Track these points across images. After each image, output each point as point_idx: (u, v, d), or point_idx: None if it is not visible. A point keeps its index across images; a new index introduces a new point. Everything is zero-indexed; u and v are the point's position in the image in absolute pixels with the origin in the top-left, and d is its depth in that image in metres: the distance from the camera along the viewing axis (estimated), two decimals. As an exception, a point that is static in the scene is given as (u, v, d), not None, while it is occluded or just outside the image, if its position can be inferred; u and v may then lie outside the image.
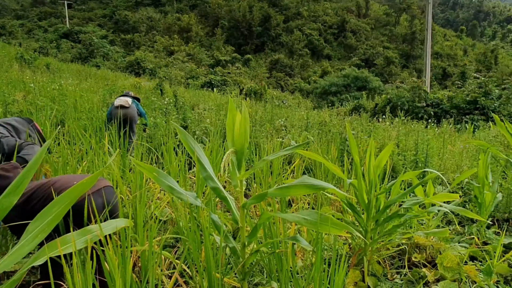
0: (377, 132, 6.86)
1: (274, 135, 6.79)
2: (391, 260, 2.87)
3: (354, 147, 2.50)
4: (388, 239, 2.65)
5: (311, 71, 45.45)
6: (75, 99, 7.46)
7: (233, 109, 1.76)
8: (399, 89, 16.19)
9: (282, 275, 1.94)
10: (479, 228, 3.23)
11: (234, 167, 1.75)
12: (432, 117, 13.60)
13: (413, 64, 50.79)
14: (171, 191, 1.91)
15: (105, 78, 16.18)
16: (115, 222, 1.54)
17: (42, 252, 1.34)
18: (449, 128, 9.57)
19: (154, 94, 11.60)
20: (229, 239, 1.84)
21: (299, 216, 1.58)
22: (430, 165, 4.88)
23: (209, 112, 9.10)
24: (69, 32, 40.83)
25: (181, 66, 31.35)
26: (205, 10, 57.52)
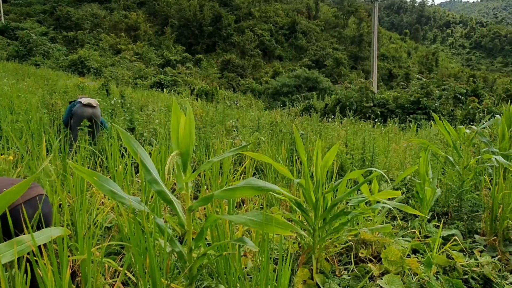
0: (327, 132, 7.03)
1: (225, 136, 6.75)
2: (339, 257, 2.94)
3: (301, 147, 2.53)
4: (336, 236, 2.71)
5: (262, 72, 45.88)
6: (11, 100, 6.96)
7: (177, 110, 1.71)
8: (347, 90, 16.75)
9: (230, 278, 1.92)
10: (420, 223, 3.40)
11: (179, 169, 1.70)
12: (379, 116, 14.21)
13: (361, 66, 52.88)
14: (112, 196, 1.82)
15: (45, 77, 15.25)
16: (50, 231, 1.44)
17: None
18: (394, 127, 10.04)
19: (99, 94, 11.14)
20: (175, 244, 1.79)
21: (245, 217, 1.57)
22: (376, 162, 5.08)
23: (158, 113, 8.89)
24: (4, 28, 37.66)
25: (128, 66, 30.31)
26: (153, 8, 56.06)
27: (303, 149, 2.49)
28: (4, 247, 1.29)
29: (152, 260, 1.56)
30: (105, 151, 4.65)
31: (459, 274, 2.66)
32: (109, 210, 3.01)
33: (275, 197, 3.54)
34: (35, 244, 1.31)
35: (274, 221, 1.53)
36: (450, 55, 72.97)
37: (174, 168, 1.65)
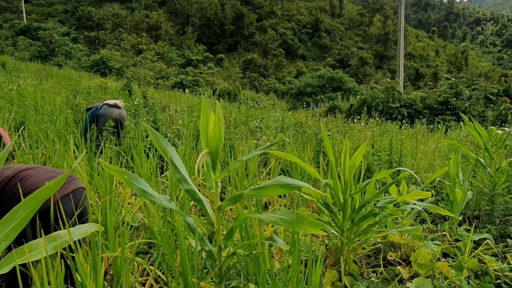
0: (352, 133, 6.94)
1: (249, 137, 6.76)
2: (367, 260, 2.90)
3: (329, 147, 2.50)
4: (364, 238, 2.68)
5: (285, 72, 45.64)
6: (36, 101, 7.16)
7: (206, 110, 1.72)
8: (373, 90, 16.47)
9: (260, 277, 1.91)
10: (451, 226, 3.31)
11: (208, 168, 1.71)
12: (406, 117, 13.91)
13: (387, 65, 51.88)
14: (143, 194, 1.85)
15: (68, 78, 15.56)
16: (85, 227, 1.47)
17: (8, 259, 1.27)
18: (422, 128, 9.80)
19: (121, 95, 11.29)
20: (205, 242, 1.80)
21: (275, 216, 1.56)
22: (404, 164, 4.98)
23: (181, 114, 8.96)
24: (26, 28, 38.12)
25: (150, 66, 30.47)
26: (174, 7, 56.23)
27: (331, 149, 2.47)
28: (42, 242, 1.33)
29: (184, 259, 1.58)
30: (129, 151, 4.74)
31: (491, 279, 2.58)
32: (136, 210, 3.06)
33: (301, 199, 3.52)
34: (72, 239, 1.35)
35: (305, 220, 1.52)
36: (480, 54, 70.62)
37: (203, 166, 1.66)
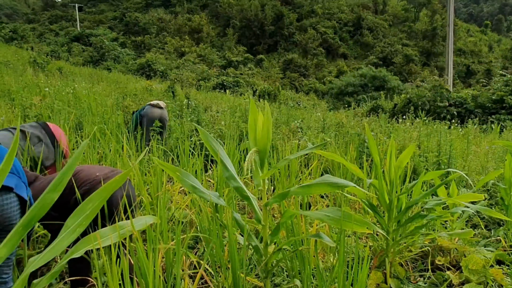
0: (397, 133, 6.77)
1: (290, 137, 6.77)
2: (414, 264, 2.84)
3: (374, 147, 2.48)
4: (411, 240, 2.62)
5: (326, 71, 45.09)
6: (89, 103, 7.56)
7: (255, 110, 1.77)
8: (419, 88, 15.90)
9: (305, 275, 1.94)
10: (506, 231, 3.16)
11: (257, 166, 1.76)
12: (455, 117, 13.30)
13: (434, 62, 49.79)
14: (193, 190, 1.93)
15: (117, 81, 16.27)
16: (144, 219, 1.57)
17: (80, 245, 1.39)
18: (474, 129, 9.35)
19: (166, 96, 11.65)
20: (252, 238, 1.85)
21: (321, 213, 1.59)
22: (454, 166, 4.79)
23: (223, 114, 9.12)
24: (80, 35, 40.36)
25: (192, 68, 31.17)
26: (216, 10, 57.30)
27: (376, 148, 2.44)
28: (108, 230, 1.45)
29: (232, 253, 1.64)
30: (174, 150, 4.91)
31: (550, 288, 2.45)
32: (184, 207, 3.17)
33: (345, 199, 3.50)
34: (134, 229, 1.45)
35: (351, 218, 1.53)
36: (540, 48, 66.08)
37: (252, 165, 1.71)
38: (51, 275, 1.43)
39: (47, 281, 1.44)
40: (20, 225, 1.36)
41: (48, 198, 1.39)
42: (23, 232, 1.37)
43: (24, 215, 1.37)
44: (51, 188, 1.40)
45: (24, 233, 1.37)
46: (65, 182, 1.42)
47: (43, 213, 1.39)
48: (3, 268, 1.82)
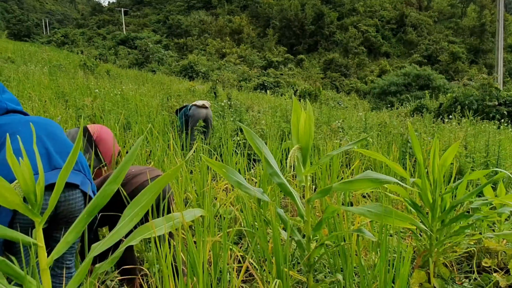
0: (442, 134, 6.58)
1: (332, 137, 6.75)
2: (459, 265, 2.79)
3: (417, 145, 2.47)
4: (455, 240, 2.58)
5: (367, 70, 44.18)
6: (136, 104, 7.89)
7: (298, 108, 1.84)
8: (466, 87, 15.25)
9: (347, 271, 1.98)
10: (559, 234, 3.02)
11: (299, 163, 1.83)
12: (505, 117, 12.66)
13: (482, 59, 47.39)
14: (238, 186, 2.03)
15: (161, 82, 16.79)
16: (193, 211, 1.69)
17: (136, 234, 1.52)
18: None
19: (208, 97, 11.94)
20: (294, 233, 1.92)
21: (363, 208, 1.62)
22: (502, 167, 4.61)
23: (264, 115, 9.22)
24: (126, 38, 42.27)
25: (233, 69, 31.61)
26: (256, 10, 57.73)
27: (419, 147, 2.43)
28: (160, 221, 1.57)
29: (277, 247, 1.71)
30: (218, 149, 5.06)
31: None
32: (228, 204, 3.29)
33: (387, 199, 3.48)
34: (184, 220, 1.56)
35: (393, 213, 1.56)
36: None
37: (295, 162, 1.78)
38: (111, 260, 1.57)
39: (107, 266, 1.58)
40: (85, 212, 1.50)
41: (109, 189, 1.53)
42: (88, 219, 1.51)
43: (88, 204, 1.52)
44: (111, 180, 1.54)
45: (89, 220, 1.52)
46: (124, 174, 1.55)
47: (105, 202, 1.53)
48: (66, 255, 2.01)
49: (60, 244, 1.47)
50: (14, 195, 1.28)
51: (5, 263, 1.31)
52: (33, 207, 1.35)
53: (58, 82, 9.43)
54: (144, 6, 68.41)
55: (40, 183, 1.36)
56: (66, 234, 1.48)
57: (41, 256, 1.39)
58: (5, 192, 1.26)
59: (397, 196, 2.83)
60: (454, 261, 2.74)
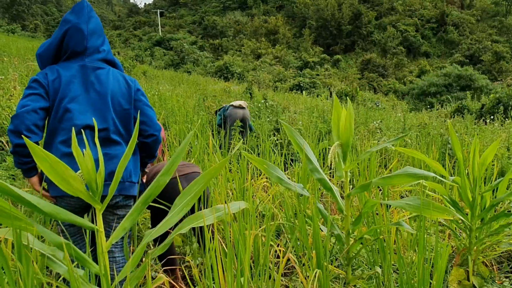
0: (484, 135, 6.39)
1: (369, 138, 6.72)
2: (499, 265, 2.76)
3: (457, 144, 2.47)
4: (495, 239, 2.56)
5: (406, 71, 43.03)
6: (173, 104, 8.13)
7: (338, 106, 1.91)
8: (510, 88, 14.61)
9: (385, 265, 2.03)
10: None
11: (339, 159, 1.90)
12: (553, 118, 12.03)
13: (528, 59, 45.02)
14: (280, 182, 2.12)
15: (196, 83, 17.10)
16: (238, 204, 1.80)
17: (185, 223, 1.65)
18: None
19: (244, 97, 12.08)
20: (334, 227, 1.99)
21: (402, 202, 1.67)
22: (547, 168, 4.45)
23: (300, 115, 9.26)
24: (161, 40, 42.88)
25: (268, 69, 31.66)
26: (292, 10, 57.51)
27: (459, 146, 2.43)
28: (207, 212, 1.69)
29: (317, 241, 1.79)
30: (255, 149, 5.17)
31: None
32: (267, 202, 3.39)
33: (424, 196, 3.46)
34: (230, 212, 1.67)
35: (431, 205, 1.60)
36: None
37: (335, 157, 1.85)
38: (163, 246, 1.70)
39: (159, 251, 1.71)
40: (140, 201, 1.65)
41: (161, 180, 1.66)
42: (143, 208, 1.66)
43: (143, 194, 1.66)
44: (164, 172, 1.67)
45: (143, 208, 1.66)
46: (175, 167, 1.68)
47: (158, 192, 1.67)
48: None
49: (117, 230, 1.61)
50: (78, 183, 1.42)
51: (70, 247, 1.45)
52: (94, 194, 1.49)
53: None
54: (180, 7, 69.78)
55: (101, 173, 1.50)
56: (123, 221, 1.62)
57: (101, 241, 1.53)
58: (71, 180, 1.39)
59: (434, 194, 2.83)
60: (494, 260, 2.71)
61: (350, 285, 2.12)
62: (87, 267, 1.41)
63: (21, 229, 1.20)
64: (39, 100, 1.88)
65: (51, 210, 1.28)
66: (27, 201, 1.21)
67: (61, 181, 1.29)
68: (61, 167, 1.26)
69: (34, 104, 1.85)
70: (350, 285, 2.12)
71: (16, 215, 1.20)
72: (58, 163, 1.25)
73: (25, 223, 1.22)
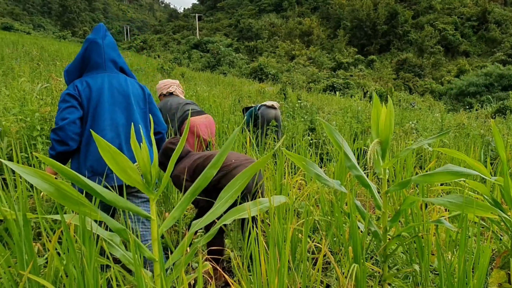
0: (528, 136, 6.15)
1: (404, 138, 6.62)
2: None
3: (500, 142, 2.42)
4: (541, 242, 2.49)
5: (444, 71, 41.69)
6: (210, 104, 8.31)
7: (378, 104, 1.94)
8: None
9: (423, 263, 2.04)
10: None
11: (378, 156, 1.93)
12: None
13: None
14: (318, 178, 2.17)
15: (232, 84, 17.36)
16: (278, 198, 1.87)
17: (229, 214, 1.74)
18: None
19: (278, 98, 12.17)
20: (371, 224, 2.02)
21: (443, 199, 1.67)
22: None
23: (334, 115, 9.23)
24: (198, 43, 44.17)
25: (302, 70, 31.73)
26: (326, 11, 57.24)
27: (502, 144, 2.38)
28: (251, 204, 1.77)
29: (355, 236, 1.82)
30: (290, 148, 5.24)
31: None
32: (302, 199, 3.44)
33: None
34: (272, 206, 1.75)
35: (475, 203, 1.60)
36: None
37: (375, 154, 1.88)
38: (208, 236, 1.80)
39: (205, 240, 1.81)
40: (188, 192, 1.74)
41: (209, 173, 1.76)
42: (191, 199, 1.75)
43: (192, 185, 1.76)
44: (211, 166, 1.76)
45: (192, 199, 1.76)
46: (222, 161, 1.77)
47: (206, 184, 1.76)
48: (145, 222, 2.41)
49: (168, 219, 1.72)
50: (136, 173, 1.53)
51: (125, 232, 1.56)
52: (149, 185, 1.60)
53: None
54: (217, 11, 71.31)
55: (155, 165, 1.61)
56: (173, 211, 1.73)
57: (153, 228, 1.64)
58: (129, 171, 1.50)
59: (476, 194, 2.79)
60: (539, 265, 2.64)
61: (386, 282, 2.14)
62: (141, 252, 1.51)
63: (85, 215, 1.32)
64: (74, 112, 2.23)
65: (112, 197, 1.39)
66: (92, 188, 1.33)
67: (121, 171, 1.40)
68: (122, 159, 1.38)
69: (71, 116, 2.21)
70: (386, 283, 2.14)
71: (82, 202, 1.32)
72: (120, 155, 1.36)
73: (89, 209, 1.34)
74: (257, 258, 1.67)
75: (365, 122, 7.34)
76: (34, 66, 10.12)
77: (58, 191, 1.28)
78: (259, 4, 65.82)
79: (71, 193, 1.30)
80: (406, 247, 2.21)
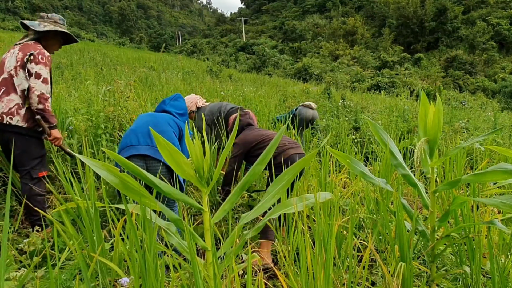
0: None
1: (454, 138, 6.38)
2: None
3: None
4: None
5: (498, 67, 39.48)
6: (256, 104, 8.44)
7: (426, 102, 1.92)
8: None
9: (474, 265, 1.99)
10: None
11: (426, 155, 1.91)
12: None
13: None
14: (363, 176, 2.18)
15: (277, 85, 17.53)
16: (324, 194, 1.90)
17: (277, 208, 1.80)
18: None
19: (322, 98, 12.16)
20: (418, 223, 2.00)
21: (496, 200, 1.62)
22: None
23: (379, 115, 9.05)
24: (245, 45, 45.69)
25: (346, 70, 31.37)
26: (371, 10, 56.23)
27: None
28: (297, 200, 1.82)
29: (401, 234, 1.81)
30: (334, 146, 5.22)
31: None
32: (347, 197, 3.44)
33: None
34: (318, 202, 1.79)
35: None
36: None
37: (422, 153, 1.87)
38: (256, 229, 1.87)
39: (253, 233, 1.88)
40: (238, 187, 1.82)
41: (257, 169, 1.83)
42: (241, 192, 1.83)
43: (242, 180, 1.83)
44: (259, 162, 1.83)
45: (241, 193, 1.83)
46: (269, 158, 1.84)
47: (254, 179, 1.83)
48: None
49: (219, 211, 1.81)
50: (190, 168, 1.63)
51: (181, 222, 1.66)
52: (201, 179, 1.69)
53: (191, 86, 10.61)
54: (262, 14, 72.54)
55: (207, 160, 1.70)
56: (223, 204, 1.82)
57: (206, 219, 1.73)
58: (184, 166, 1.61)
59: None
60: None
61: (434, 283, 2.10)
62: (195, 241, 1.61)
63: (146, 205, 1.43)
64: None
65: (168, 189, 1.50)
66: (151, 181, 1.44)
67: (176, 166, 1.50)
68: (178, 155, 1.48)
69: None
70: (434, 283, 2.11)
71: (143, 193, 1.44)
72: (176, 152, 1.46)
73: (149, 200, 1.45)
74: (303, 252, 1.71)
75: (412, 121, 7.16)
76: (98, 70, 10.91)
77: (123, 183, 1.40)
78: (303, 5, 66.12)
79: (133, 185, 1.42)
80: (455, 249, 2.17)
